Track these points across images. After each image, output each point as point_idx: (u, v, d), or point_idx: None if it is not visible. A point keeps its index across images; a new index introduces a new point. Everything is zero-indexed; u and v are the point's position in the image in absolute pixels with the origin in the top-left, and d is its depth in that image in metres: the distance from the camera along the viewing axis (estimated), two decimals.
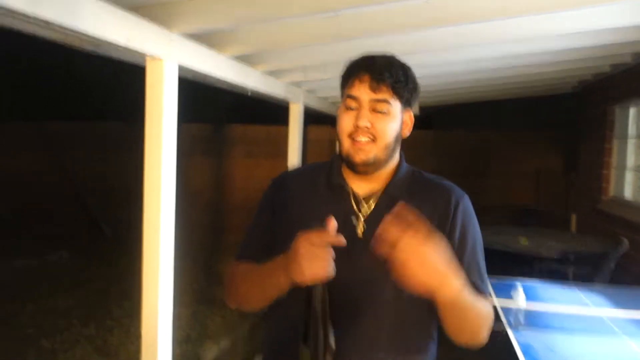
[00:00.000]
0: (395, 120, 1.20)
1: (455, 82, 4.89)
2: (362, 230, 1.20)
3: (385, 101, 1.17)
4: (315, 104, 4.87)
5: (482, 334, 1.20)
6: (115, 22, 1.81)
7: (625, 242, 4.08)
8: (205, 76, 2.73)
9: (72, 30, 1.65)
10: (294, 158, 4.26)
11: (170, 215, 2.21)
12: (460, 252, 1.20)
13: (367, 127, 1.17)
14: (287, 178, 1.35)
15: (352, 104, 1.19)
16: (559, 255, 4.13)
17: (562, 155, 7.43)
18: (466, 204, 1.26)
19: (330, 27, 2.57)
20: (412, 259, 0.98)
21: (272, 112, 5.17)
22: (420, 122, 7.39)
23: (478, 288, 1.20)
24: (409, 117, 1.25)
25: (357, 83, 1.18)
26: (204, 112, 9.18)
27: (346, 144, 1.20)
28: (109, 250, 7.07)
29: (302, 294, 1.08)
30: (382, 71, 1.17)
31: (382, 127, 1.18)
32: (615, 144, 5.43)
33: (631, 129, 5.19)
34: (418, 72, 4.02)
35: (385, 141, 1.19)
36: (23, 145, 8.76)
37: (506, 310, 2.58)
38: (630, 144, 5.18)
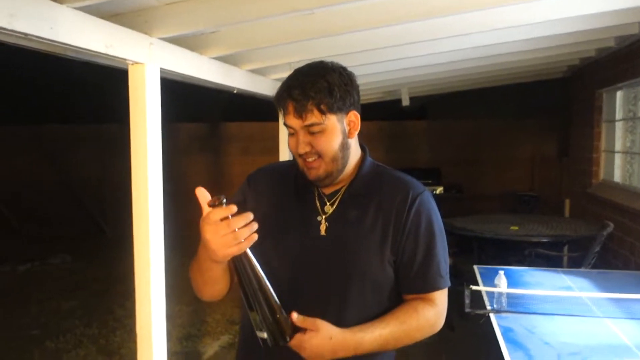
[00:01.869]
0: (333, 133, 1.23)
1: (446, 71, 4.92)
2: (325, 228, 1.28)
3: (315, 124, 1.21)
4: None
5: (424, 336, 1.29)
6: (94, 31, 1.86)
7: (610, 225, 4.14)
8: (190, 77, 2.79)
9: (51, 41, 1.72)
10: (285, 153, 4.33)
11: (159, 215, 2.27)
12: (412, 247, 1.28)
13: (308, 151, 1.23)
14: (260, 174, 1.42)
15: (290, 130, 1.25)
16: (548, 240, 4.19)
17: (556, 140, 7.48)
18: (424, 200, 1.31)
19: (308, 24, 2.63)
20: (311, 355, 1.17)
21: (268, 108, 5.23)
22: (414, 112, 7.36)
23: (433, 283, 1.29)
24: (354, 117, 1.28)
25: (286, 114, 1.23)
26: (201, 111, 9.28)
27: (299, 162, 1.28)
28: (110, 250, 7.15)
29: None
30: (303, 96, 1.19)
31: (321, 145, 1.23)
32: (604, 128, 5.48)
33: (618, 113, 5.23)
34: (406, 63, 4.01)
35: (330, 155, 1.24)
36: (20, 149, 8.87)
37: (490, 295, 2.65)
38: (618, 127, 5.22)
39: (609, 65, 5.00)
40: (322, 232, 1.27)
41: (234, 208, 1.07)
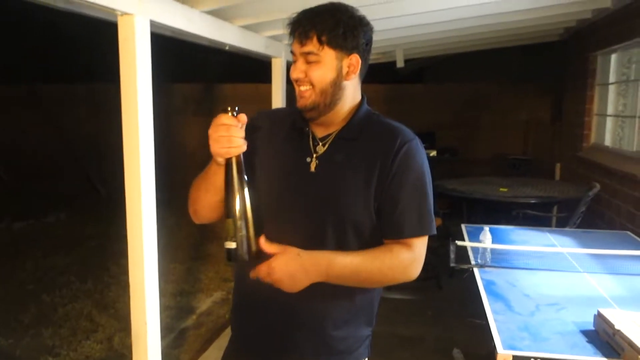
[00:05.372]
0: (327, 68, 1.29)
1: (440, 32, 4.85)
2: (315, 166, 1.34)
3: (312, 53, 1.27)
4: None
5: (396, 277, 1.32)
6: None
7: (596, 185, 4.20)
8: (181, 32, 2.77)
9: None
10: None
11: (150, 169, 2.29)
12: (396, 192, 1.31)
13: (300, 77, 1.29)
14: (261, 115, 1.49)
15: (293, 56, 1.32)
16: (535, 201, 4.26)
17: (550, 104, 7.49)
18: (412, 147, 1.33)
19: None
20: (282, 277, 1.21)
21: (262, 70, 5.19)
22: (411, 76, 7.28)
23: (412, 229, 1.32)
24: (355, 61, 1.32)
25: (292, 38, 1.30)
26: (196, 72, 9.20)
27: (296, 90, 1.34)
28: (105, 209, 7.20)
29: None
30: (308, 24, 1.26)
31: (314, 75, 1.29)
32: (597, 91, 5.48)
33: (612, 76, 5.22)
34: (399, 22, 3.93)
35: (320, 86, 1.30)
36: (17, 108, 8.82)
37: (475, 251, 2.72)
38: (611, 91, 5.22)
39: (605, 27, 4.97)
40: (312, 169, 1.33)
41: (242, 117, 1.22)
